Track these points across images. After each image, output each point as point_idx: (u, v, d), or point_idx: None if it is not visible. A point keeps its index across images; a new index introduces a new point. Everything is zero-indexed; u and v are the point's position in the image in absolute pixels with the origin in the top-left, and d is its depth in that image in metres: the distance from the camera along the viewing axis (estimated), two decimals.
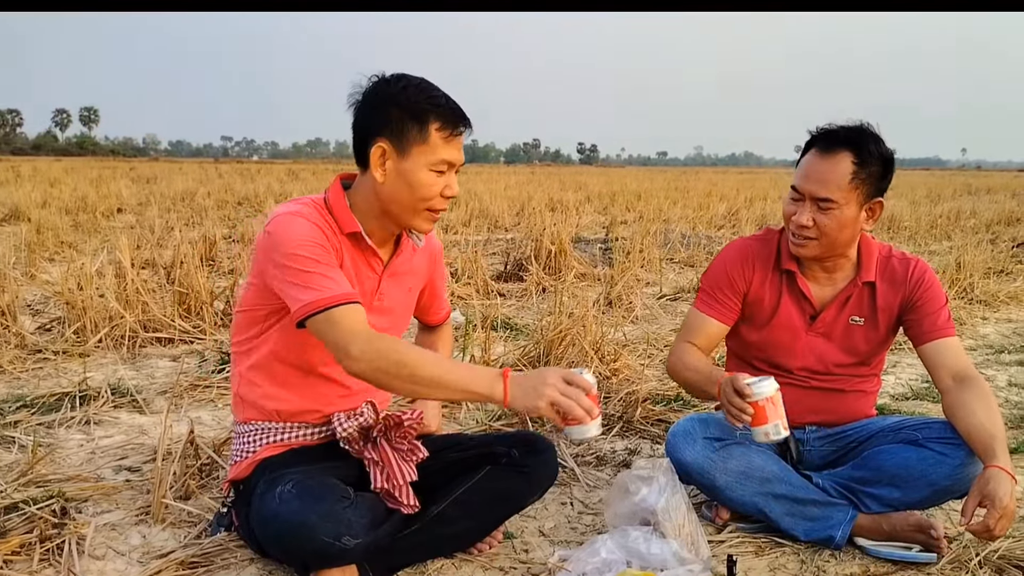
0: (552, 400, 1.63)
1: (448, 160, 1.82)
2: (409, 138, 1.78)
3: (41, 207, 11.17)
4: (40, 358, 3.83)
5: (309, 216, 1.82)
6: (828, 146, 2.09)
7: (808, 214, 2.09)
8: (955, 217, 12.88)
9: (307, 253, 1.75)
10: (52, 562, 1.96)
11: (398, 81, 1.81)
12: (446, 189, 1.84)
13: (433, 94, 1.80)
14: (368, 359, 1.66)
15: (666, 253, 7.99)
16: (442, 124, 1.79)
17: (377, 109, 1.81)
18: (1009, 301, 6.05)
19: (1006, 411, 3.38)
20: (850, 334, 2.23)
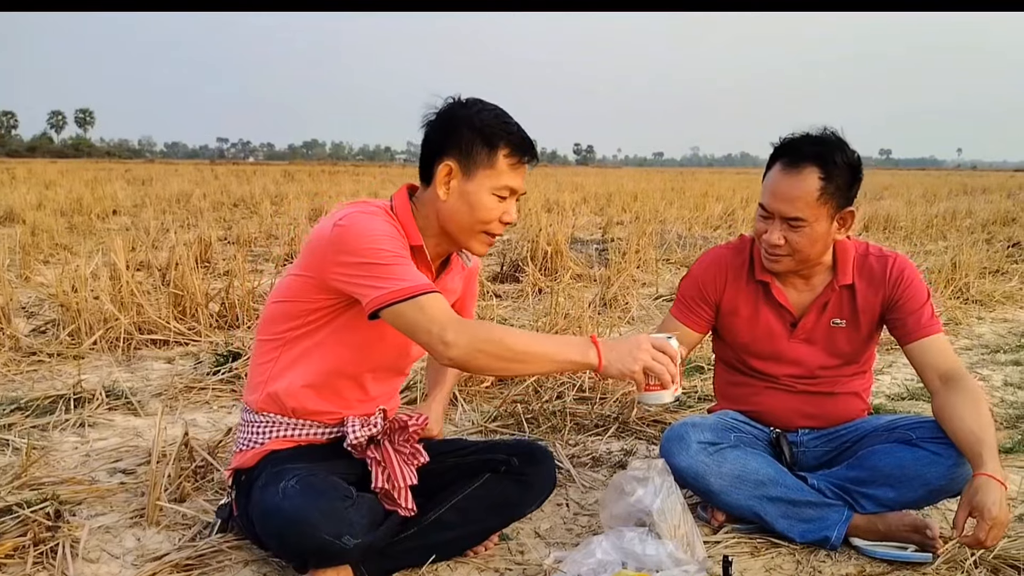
0: (646, 365, 1.69)
1: (511, 187, 1.85)
2: (477, 160, 1.82)
3: (36, 209, 11.15)
4: (34, 360, 3.82)
5: (384, 217, 1.84)
6: (793, 162, 2.06)
7: (779, 232, 2.08)
8: (951, 217, 12.90)
9: (389, 247, 1.75)
10: (46, 565, 1.95)
11: (473, 104, 1.86)
12: (505, 215, 1.87)
13: (507, 121, 1.85)
14: (465, 342, 1.67)
15: (662, 254, 7.99)
16: (511, 151, 1.83)
17: (450, 128, 1.84)
18: (1005, 301, 6.06)
19: (1001, 411, 3.38)
20: (832, 337, 2.23)
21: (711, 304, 2.29)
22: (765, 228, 2.12)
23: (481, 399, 3.39)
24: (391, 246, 1.76)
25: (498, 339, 1.70)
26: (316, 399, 1.93)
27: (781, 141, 2.13)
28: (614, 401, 3.23)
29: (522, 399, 3.28)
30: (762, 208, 2.13)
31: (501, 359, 1.69)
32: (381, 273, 1.72)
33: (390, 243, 1.76)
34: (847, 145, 2.08)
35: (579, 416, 3.15)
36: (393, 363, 2.02)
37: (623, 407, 3.18)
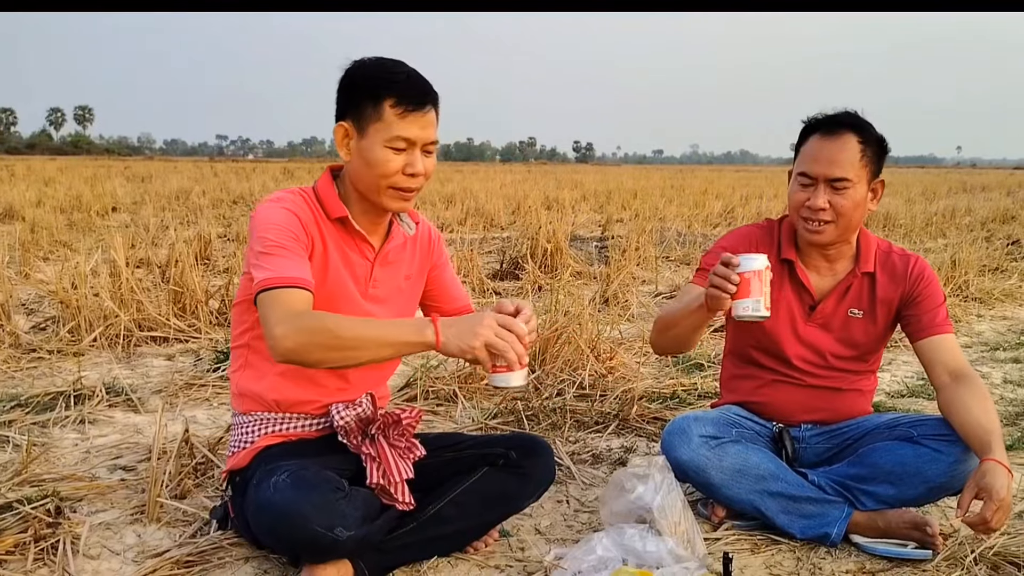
0: (487, 341, 1.62)
1: (404, 137, 1.80)
2: (366, 116, 1.80)
3: (36, 206, 11.15)
4: (34, 357, 3.82)
5: (290, 204, 1.85)
6: (832, 129, 2.13)
7: (823, 196, 2.11)
8: (950, 215, 12.90)
9: (273, 236, 1.77)
10: (47, 562, 1.95)
11: (362, 63, 1.85)
12: (407, 167, 1.82)
13: (393, 71, 1.81)
14: (294, 334, 1.63)
15: (662, 251, 7.99)
16: (397, 100, 1.78)
17: (341, 91, 1.85)
18: (1004, 299, 6.06)
19: (1001, 408, 3.38)
20: (848, 326, 2.24)
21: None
22: (806, 196, 2.14)
23: (481, 396, 3.39)
24: (275, 235, 1.77)
25: (328, 328, 1.64)
26: (294, 388, 1.94)
27: (811, 119, 2.19)
28: (614, 398, 3.23)
29: (522, 396, 3.29)
30: (804, 176, 2.15)
31: (334, 348, 1.64)
32: (260, 262, 1.75)
33: (275, 232, 1.78)
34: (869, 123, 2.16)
35: (579, 413, 3.15)
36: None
37: (623, 404, 3.19)
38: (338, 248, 1.92)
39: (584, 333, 3.64)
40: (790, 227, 2.28)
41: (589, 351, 3.55)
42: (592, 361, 3.50)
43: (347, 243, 1.93)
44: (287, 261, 1.75)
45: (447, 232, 9.46)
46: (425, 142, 1.84)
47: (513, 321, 1.66)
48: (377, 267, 1.97)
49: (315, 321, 1.66)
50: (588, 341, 3.62)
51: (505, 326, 1.64)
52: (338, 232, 1.92)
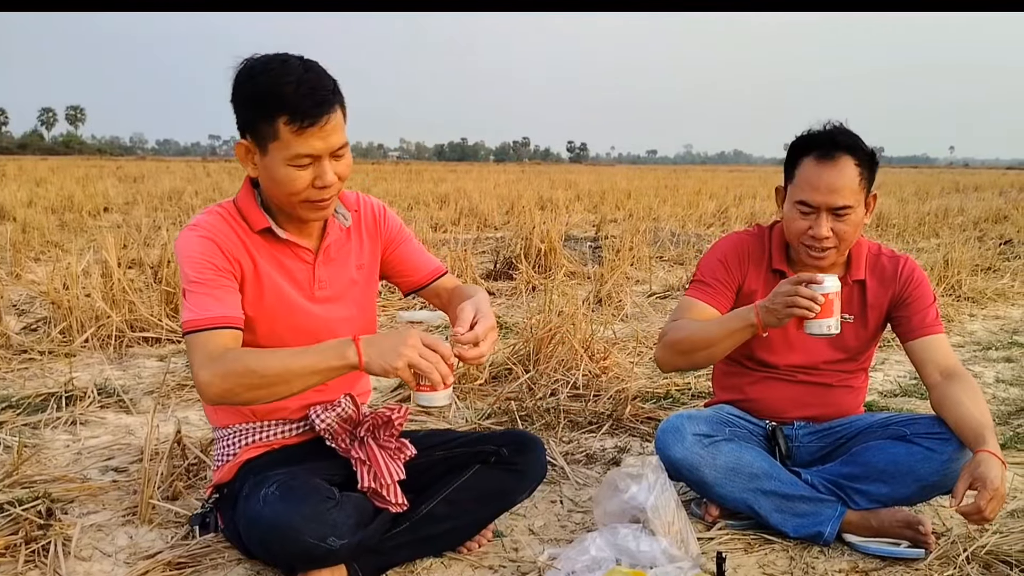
0: (411, 361, 1.60)
1: (306, 154, 1.68)
2: (263, 135, 1.68)
3: (27, 206, 11.10)
4: (26, 358, 3.80)
5: (207, 230, 1.77)
6: (828, 153, 2.09)
7: (827, 225, 2.10)
8: (943, 215, 12.94)
9: (193, 271, 1.73)
10: (38, 563, 1.94)
11: (249, 72, 1.69)
12: (316, 180, 1.71)
13: (282, 83, 1.64)
14: (217, 382, 1.63)
15: (656, 251, 8.00)
16: (290, 117, 1.64)
17: (235, 104, 1.72)
18: (996, 298, 6.08)
19: (993, 407, 3.39)
20: (844, 330, 2.22)
21: (734, 284, 2.27)
22: (808, 224, 2.11)
23: (475, 396, 3.38)
24: (194, 269, 1.73)
25: (250, 368, 1.62)
26: None
27: (803, 137, 2.15)
28: (608, 398, 3.23)
29: (516, 396, 3.28)
30: (804, 205, 2.11)
31: (260, 387, 1.63)
32: (184, 301, 1.74)
33: (194, 266, 1.73)
34: (859, 137, 2.15)
35: (573, 413, 3.15)
36: None
37: (617, 404, 3.19)
38: (272, 259, 1.85)
39: (578, 333, 3.64)
40: (781, 235, 2.27)
41: (583, 351, 3.54)
42: (586, 361, 3.50)
43: (281, 251, 1.86)
44: (207, 299, 1.71)
45: (441, 232, 9.45)
46: (331, 150, 1.71)
47: (437, 341, 1.65)
48: (319, 268, 1.91)
49: (237, 363, 1.63)
50: (582, 341, 3.61)
51: (429, 345, 1.63)
52: (268, 243, 1.84)
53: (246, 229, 1.82)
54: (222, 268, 1.75)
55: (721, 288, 2.25)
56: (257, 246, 1.83)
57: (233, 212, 1.84)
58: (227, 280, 1.76)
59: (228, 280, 1.76)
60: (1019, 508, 2.35)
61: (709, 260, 2.31)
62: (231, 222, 1.82)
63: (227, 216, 1.82)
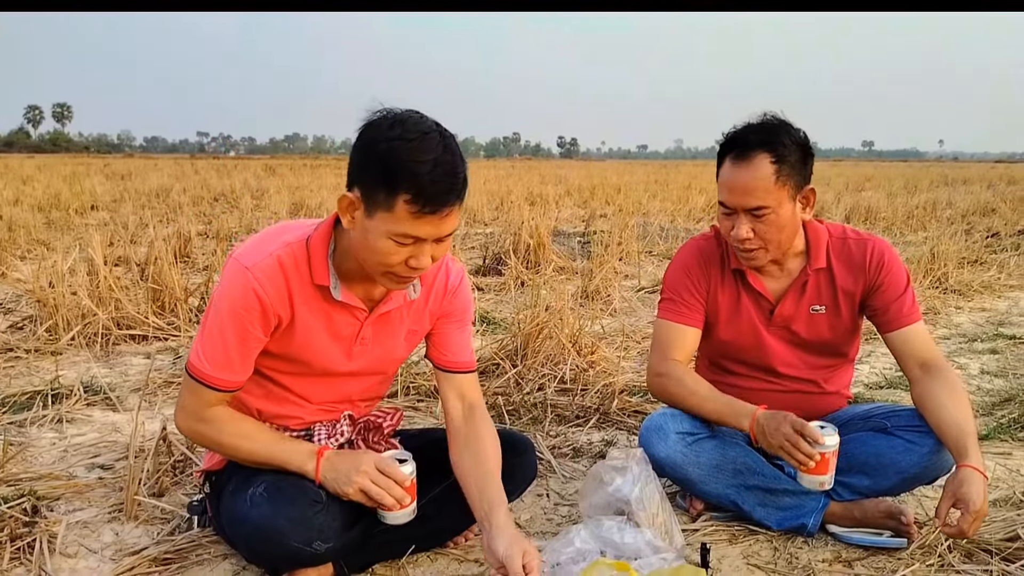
0: (361, 487, 1.70)
1: (413, 235, 1.58)
2: (376, 199, 1.56)
3: (13, 205, 11.05)
4: (11, 356, 3.79)
5: (260, 275, 1.68)
6: (741, 153, 2.02)
7: (746, 226, 2.04)
8: (931, 208, 13.00)
9: (223, 314, 1.69)
10: (23, 560, 1.94)
11: (387, 130, 1.56)
12: (412, 259, 1.63)
13: (419, 159, 1.52)
14: (190, 434, 1.81)
15: (645, 246, 8.02)
16: (413, 198, 1.53)
17: (359, 154, 1.60)
18: (983, 290, 6.12)
19: (977, 398, 3.42)
20: (814, 324, 2.21)
21: (702, 293, 2.23)
22: (731, 224, 2.07)
23: None
24: (225, 312, 1.68)
25: (220, 443, 1.77)
26: (277, 406, 1.90)
27: (725, 136, 2.08)
28: (595, 393, 3.24)
29: (503, 391, 3.29)
30: (723, 206, 2.08)
31: (222, 452, 1.82)
32: (200, 337, 1.73)
33: (227, 309, 1.68)
34: (791, 125, 2.05)
35: (560, 407, 3.16)
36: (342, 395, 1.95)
37: (604, 398, 3.20)
38: (320, 310, 1.77)
39: (566, 328, 3.65)
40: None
41: (570, 346, 3.55)
42: (573, 355, 3.50)
43: (333, 307, 1.78)
44: (223, 355, 1.70)
45: None
46: (438, 236, 1.62)
47: (391, 466, 1.73)
48: (367, 328, 1.84)
49: (212, 431, 1.76)
50: (570, 336, 3.62)
51: (383, 471, 1.72)
52: (323, 296, 1.76)
53: (304, 277, 1.73)
54: (254, 330, 1.71)
55: (690, 300, 2.22)
56: (308, 297, 1.75)
57: (299, 255, 1.72)
58: (253, 342, 1.72)
59: (254, 342, 1.73)
60: (1000, 498, 2.37)
61: (673, 273, 2.27)
62: (289, 269, 1.71)
63: (288, 260, 1.71)
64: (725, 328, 2.25)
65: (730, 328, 2.24)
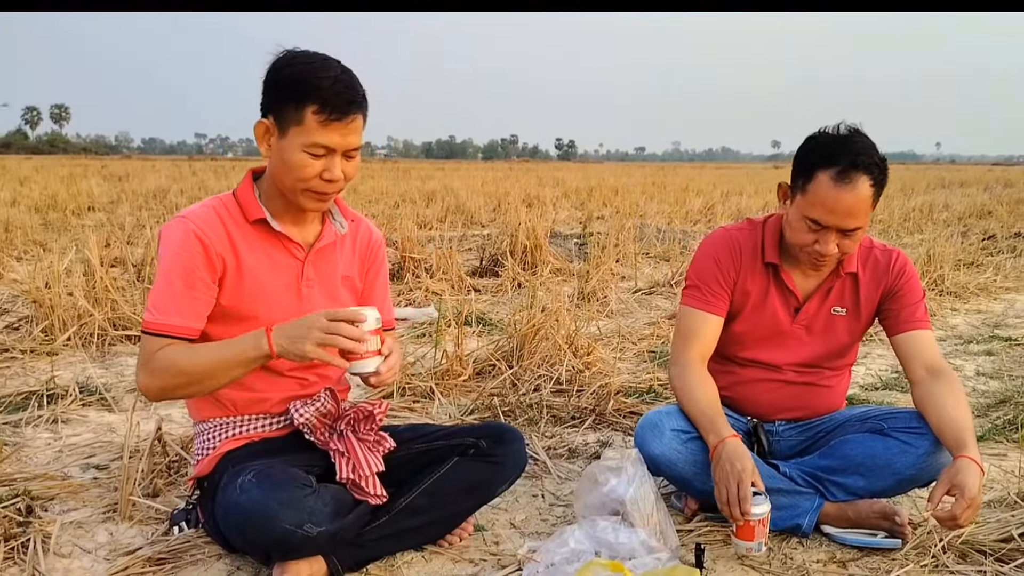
0: (317, 341, 1.65)
1: (323, 144, 1.76)
2: (287, 117, 1.76)
3: (10, 206, 11.03)
4: (7, 357, 3.78)
5: (197, 221, 1.81)
6: (847, 174, 1.99)
7: (833, 243, 2.06)
8: (928, 210, 13.03)
9: (168, 263, 1.78)
10: (17, 560, 1.94)
11: (290, 59, 1.78)
12: (324, 172, 1.79)
13: (319, 75, 1.74)
14: (151, 382, 1.75)
15: (642, 248, 8.02)
16: (320, 107, 1.73)
17: (266, 86, 1.80)
18: (979, 292, 6.13)
19: (973, 400, 3.43)
20: (832, 325, 2.24)
21: (729, 283, 2.23)
22: (814, 239, 2.06)
23: (458, 392, 3.39)
24: (170, 261, 1.78)
25: (178, 367, 1.73)
26: (248, 392, 1.92)
27: (820, 144, 2.05)
28: (591, 393, 3.24)
29: (499, 392, 3.29)
30: (815, 223, 2.05)
31: (188, 384, 1.75)
32: (151, 296, 1.79)
33: (171, 257, 1.78)
34: (874, 143, 2.06)
35: (556, 408, 3.16)
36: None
37: (600, 399, 3.20)
38: (261, 251, 1.89)
39: (562, 329, 3.65)
40: (775, 229, 2.23)
41: (567, 347, 3.56)
42: (569, 357, 3.51)
43: (272, 244, 1.90)
44: (172, 302, 1.77)
45: (427, 229, 9.44)
46: (347, 149, 1.80)
47: (348, 312, 1.70)
48: (308, 265, 1.94)
49: (167, 361, 1.73)
50: (566, 337, 3.62)
51: (333, 318, 1.67)
52: (261, 235, 1.89)
53: (239, 220, 1.87)
54: (199, 271, 1.79)
55: (716, 289, 2.22)
56: (248, 237, 1.87)
57: (230, 204, 1.89)
58: (200, 285, 1.80)
59: (201, 285, 1.80)
60: (995, 499, 2.37)
61: (701, 259, 2.26)
62: (224, 215, 1.86)
63: (221, 208, 1.87)
64: (747, 319, 2.25)
65: (751, 319, 2.25)
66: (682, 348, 2.22)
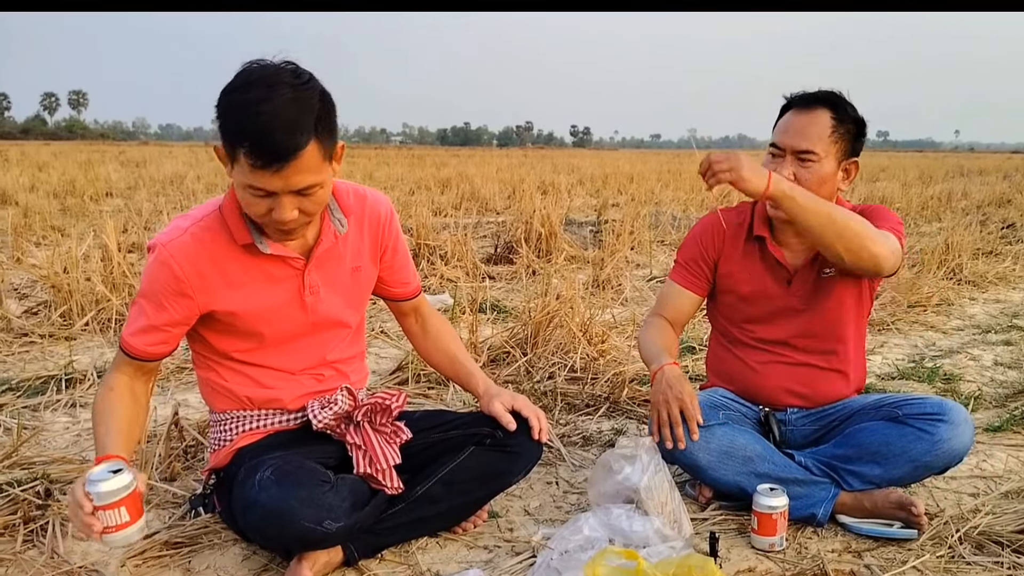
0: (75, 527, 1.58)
1: (260, 187, 1.60)
2: (228, 152, 1.61)
3: (29, 191, 11.13)
4: (26, 341, 3.82)
5: (173, 250, 1.74)
6: (807, 104, 2.14)
7: (789, 169, 2.11)
8: (946, 199, 12.89)
9: (140, 292, 1.80)
10: (36, 543, 1.97)
11: (236, 85, 1.58)
12: (273, 212, 1.64)
13: (249, 117, 1.53)
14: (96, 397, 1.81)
15: (657, 235, 7.99)
16: (248, 151, 1.55)
17: (216, 108, 1.61)
18: (997, 282, 6.07)
19: (991, 390, 3.40)
20: (825, 288, 2.23)
21: (710, 263, 2.32)
22: (775, 167, 2.14)
23: None
24: (142, 290, 1.79)
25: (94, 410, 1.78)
26: (263, 390, 1.92)
27: (792, 95, 2.20)
28: (605, 381, 3.24)
29: (513, 379, 3.29)
30: (773, 147, 2.16)
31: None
32: (131, 308, 1.83)
33: (143, 286, 1.79)
34: (854, 106, 2.16)
35: (570, 396, 3.16)
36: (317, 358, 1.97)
37: (614, 387, 3.19)
38: (256, 270, 1.81)
39: (576, 316, 3.64)
40: (764, 205, 2.27)
41: (581, 334, 3.55)
42: (584, 344, 3.50)
43: (268, 261, 1.81)
44: (138, 323, 1.79)
45: (441, 216, 9.44)
46: (292, 189, 1.62)
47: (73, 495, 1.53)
48: (309, 275, 1.86)
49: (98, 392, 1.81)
50: (580, 325, 3.62)
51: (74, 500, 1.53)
52: (253, 255, 1.80)
53: (227, 242, 1.77)
54: (167, 302, 1.76)
55: (696, 268, 2.34)
56: (239, 259, 1.79)
57: (217, 225, 1.78)
58: (169, 313, 1.77)
59: (170, 313, 1.77)
60: (1012, 489, 2.35)
61: (687, 240, 2.39)
62: (209, 243, 1.76)
63: (207, 235, 1.76)
64: (741, 297, 2.31)
65: (745, 297, 2.30)
66: (652, 312, 2.38)
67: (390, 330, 4.22)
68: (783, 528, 1.98)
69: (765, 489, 2.00)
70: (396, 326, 4.11)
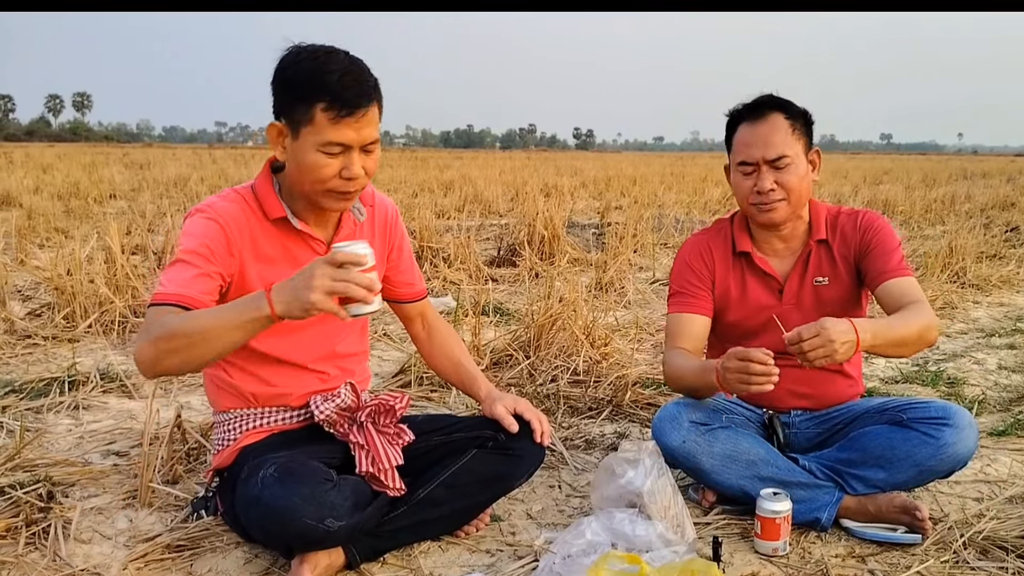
0: (326, 289, 1.50)
1: (338, 142, 1.70)
2: (297, 118, 1.70)
3: (33, 193, 11.14)
4: (29, 343, 3.82)
5: (219, 211, 1.79)
6: (758, 112, 2.17)
7: (769, 178, 2.14)
8: (950, 202, 12.86)
9: (185, 248, 1.74)
10: (38, 546, 1.96)
11: (295, 57, 1.72)
12: (343, 171, 1.74)
13: (326, 70, 1.67)
14: (144, 348, 1.60)
15: (660, 238, 7.98)
16: (329, 104, 1.67)
17: (274, 87, 1.75)
18: (1001, 285, 6.06)
19: (995, 394, 3.39)
20: (819, 296, 2.25)
21: (707, 282, 2.31)
22: (752, 183, 2.17)
23: None
24: (187, 246, 1.73)
25: (171, 331, 1.57)
26: (269, 385, 1.93)
27: (730, 112, 2.24)
28: (608, 385, 3.24)
29: (516, 382, 3.29)
30: (744, 165, 2.18)
31: (183, 348, 1.57)
32: (164, 272, 1.74)
33: (189, 243, 1.74)
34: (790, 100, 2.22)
35: (573, 399, 3.16)
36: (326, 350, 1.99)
37: (617, 390, 3.19)
38: (282, 247, 1.87)
39: (579, 319, 3.64)
40: (742, 220, 2.33)
41: (584, 337, 3.55)
42: (587, 347, 3.50)
43: (292, 241, 1.88)
44: (182, 275, 1.69)
45: (444, 219, 9.44)
46: (363, 143, 1.74)
47: (348, 253, 1.55)
48: None
49: (160, 327, 1.59)
50: (583, 327, 3.61)
51: (342, 261, 1.53)
52: (281, 232, 1.86)
53: (259, 216, 1.84)
54: (213, 257, 1.75)
55: (696, 291, 2.30)
56: (268, 234, 1.85)
57: (250, 198, 1.85)
58: (214, 269, 1.75)
59: (215, 271, 1.75)
60: (1017, 494, 2.34)
61: (676, 269, 2.37)
62: (247, 208, 1.84)
63: (244, 201, 1.84)
64: (735, 310, 2.30)
65: (740, 309, 2.30)
66: (668, 347, 2.29)
67: (393, 332, 4.22)
68: (787, 532, 1.97)
69: (768, 493, 1.99)
70: (399, 328, 4.11)
